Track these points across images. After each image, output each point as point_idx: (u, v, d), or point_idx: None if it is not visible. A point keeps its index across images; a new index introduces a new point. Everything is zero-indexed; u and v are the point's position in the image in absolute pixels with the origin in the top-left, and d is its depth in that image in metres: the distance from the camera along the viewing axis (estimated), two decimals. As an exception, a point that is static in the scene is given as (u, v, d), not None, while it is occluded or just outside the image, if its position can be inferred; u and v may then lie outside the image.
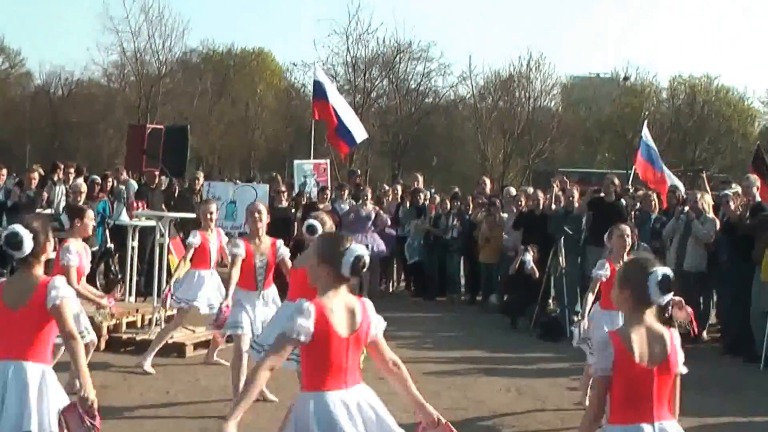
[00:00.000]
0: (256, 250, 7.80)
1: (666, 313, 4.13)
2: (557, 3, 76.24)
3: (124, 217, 12.47)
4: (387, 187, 17.43)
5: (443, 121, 43.11)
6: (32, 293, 4.58)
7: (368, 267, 4.22)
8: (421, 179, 17.06)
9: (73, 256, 7.35)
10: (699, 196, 11.59)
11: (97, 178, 14.04)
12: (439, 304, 14.76)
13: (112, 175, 15.25)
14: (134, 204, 12.04)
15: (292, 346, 4.06)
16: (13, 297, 4.60)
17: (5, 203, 13.89)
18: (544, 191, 13.97)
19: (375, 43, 39.94)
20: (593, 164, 43.93)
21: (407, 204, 15.74)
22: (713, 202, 11.75)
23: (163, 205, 13.14)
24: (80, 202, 11.31)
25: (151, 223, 11.49)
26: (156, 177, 14.25)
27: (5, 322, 4.57)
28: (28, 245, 4.60)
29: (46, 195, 13.62)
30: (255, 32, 75.72)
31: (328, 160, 19.11)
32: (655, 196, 13.21)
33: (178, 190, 14.75)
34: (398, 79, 41.60)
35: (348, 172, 22.00)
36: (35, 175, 14.21)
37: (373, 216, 14.56)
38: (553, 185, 13.66)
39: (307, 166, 17.46)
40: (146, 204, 12.20)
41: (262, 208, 8.01)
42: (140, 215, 11.74)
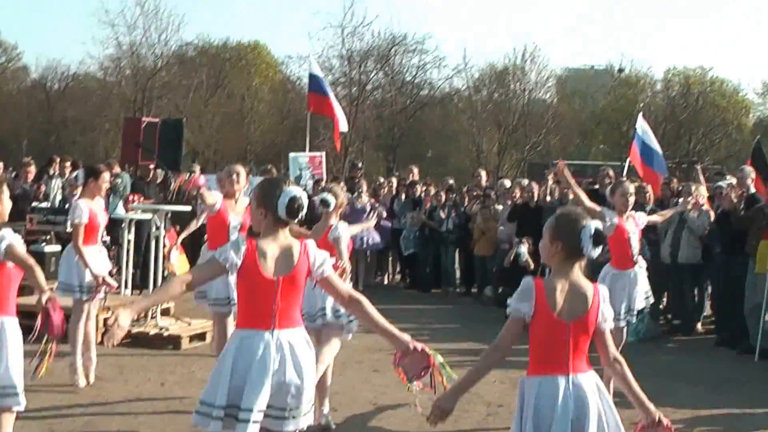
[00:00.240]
0: (231, 209, 7.90)
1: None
2: (552, -5, 76.23)
3: (120, 210, 12.48)
4: (382, 180, 17.46)
5: (438, 114, 43.05)
6: None
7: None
8: (416, 171, 17.09)
9: (84, 214, 7.64)
10: (694, 189, 11.60)
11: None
12: (434, 296, 14.80)
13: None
14: (130, 197, 12.04)
15: (214, 269, 4.19)
16: None
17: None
18: (538, 183, 14.00)
19: (370, 35, 39.84)
20: (588, 156, 43.97)
21: (402, 196, 15.77)
22: (708, 193, 11.77)
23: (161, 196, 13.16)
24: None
25: (147, 216, 11.51)
26: (151, 171, 14.25)
27: None
28: None
29: (42, 188, 13.61)
30: (250, 25, 75.65)
31: (324, 153, 19.13)
32: (649, 187, 13.22)
33: (173, 183, 14.72)
34: (393, 71, 41.52)
35: (350, 165, 22.00)
36: (32, 169, 14.20)
37: (368, 209, 14.58)
38: (548, 177, 13.69)
39: (303, 159, 17.48)
40: (142, 197, 12.19)
41: (240, 170, 8.07)
42: (136, 208, 11.75)
